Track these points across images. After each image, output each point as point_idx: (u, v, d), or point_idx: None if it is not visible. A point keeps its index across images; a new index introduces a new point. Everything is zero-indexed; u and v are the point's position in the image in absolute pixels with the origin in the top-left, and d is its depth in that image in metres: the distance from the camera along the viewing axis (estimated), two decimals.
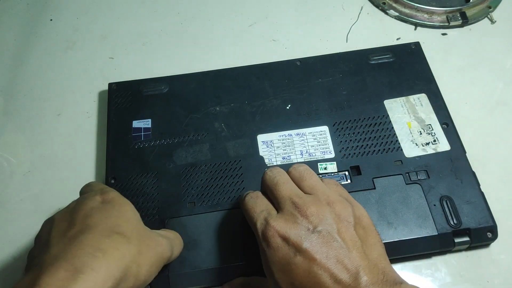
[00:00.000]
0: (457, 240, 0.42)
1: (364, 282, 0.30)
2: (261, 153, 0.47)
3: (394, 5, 0.62)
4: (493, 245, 0.43)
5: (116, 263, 0.31)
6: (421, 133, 0.47)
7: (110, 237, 0.32)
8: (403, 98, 0.50)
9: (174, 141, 0.49)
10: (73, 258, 0.30)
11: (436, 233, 0.41)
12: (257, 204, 0.37)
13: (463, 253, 0.43)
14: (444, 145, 0.47)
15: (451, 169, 0.45)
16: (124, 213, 0.35)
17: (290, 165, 0.45)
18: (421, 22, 0.60)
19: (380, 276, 0.31)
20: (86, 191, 0.40)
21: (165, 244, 0.37)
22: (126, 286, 0.32)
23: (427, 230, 0.42)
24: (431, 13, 0.60)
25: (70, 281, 0.29)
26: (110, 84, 0.53)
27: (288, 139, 0.48)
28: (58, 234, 0.33)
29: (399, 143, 0.47)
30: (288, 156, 0.47)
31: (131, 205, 0.37)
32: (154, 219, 0.44)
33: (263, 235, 0.34)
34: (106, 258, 0.31)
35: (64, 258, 0.30)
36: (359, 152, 0.47)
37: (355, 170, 0.46)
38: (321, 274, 0.31)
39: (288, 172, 0.38)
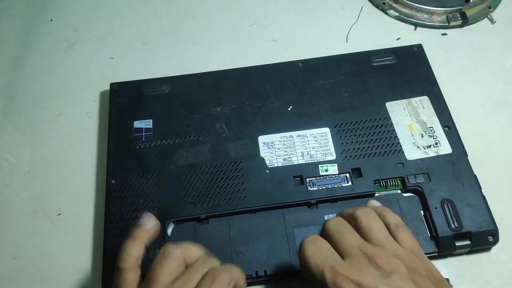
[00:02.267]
0: (458, 243, 0.42)
1: None
2: (262, 154, 0.47)
3: (394, 5, 0.62)
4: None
5: None
6: (422, 136, 0.47)
7: None
8: (405, 100, 0.50)
9: (175, 141, 0.49)
10: None
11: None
12: (318, 249, 0.34)
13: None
14: (445, 148, 0.47)
15: (453, 172, 0.45)
16: None
17: (291, 166, 0.46)
18: (421, 22, 0.60)
19: None
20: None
21: None
22: None
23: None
24: (431, 13, 0.60)
25: None
26: (111, 84, 0.53)
27: (289, 140, 0.48)
28: None
29: (400, 146, 0.47)
30: (289, 158, 0.47)
31: None
32: None
33: (334, 284, 0.32)
34: None
35: None
36: (360, 154, 0.46)
37: (356, 172, 0.46)
38: None
39: (354, 218, 0.35)
